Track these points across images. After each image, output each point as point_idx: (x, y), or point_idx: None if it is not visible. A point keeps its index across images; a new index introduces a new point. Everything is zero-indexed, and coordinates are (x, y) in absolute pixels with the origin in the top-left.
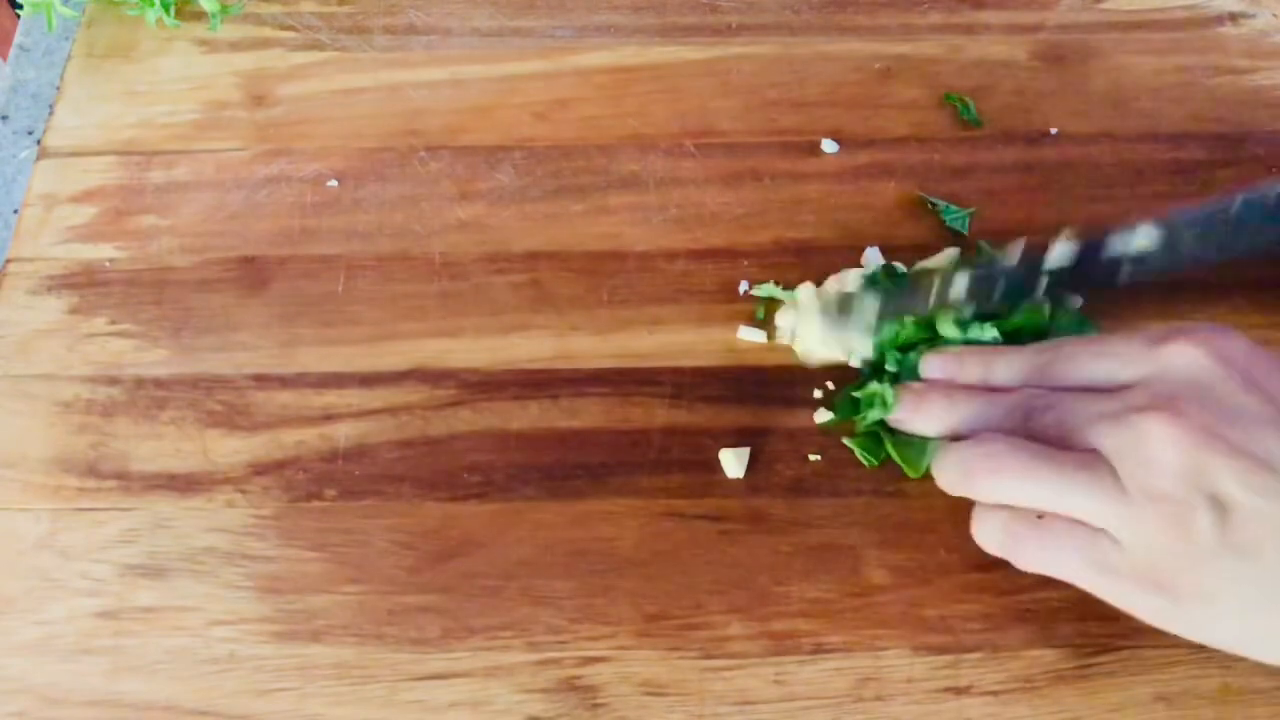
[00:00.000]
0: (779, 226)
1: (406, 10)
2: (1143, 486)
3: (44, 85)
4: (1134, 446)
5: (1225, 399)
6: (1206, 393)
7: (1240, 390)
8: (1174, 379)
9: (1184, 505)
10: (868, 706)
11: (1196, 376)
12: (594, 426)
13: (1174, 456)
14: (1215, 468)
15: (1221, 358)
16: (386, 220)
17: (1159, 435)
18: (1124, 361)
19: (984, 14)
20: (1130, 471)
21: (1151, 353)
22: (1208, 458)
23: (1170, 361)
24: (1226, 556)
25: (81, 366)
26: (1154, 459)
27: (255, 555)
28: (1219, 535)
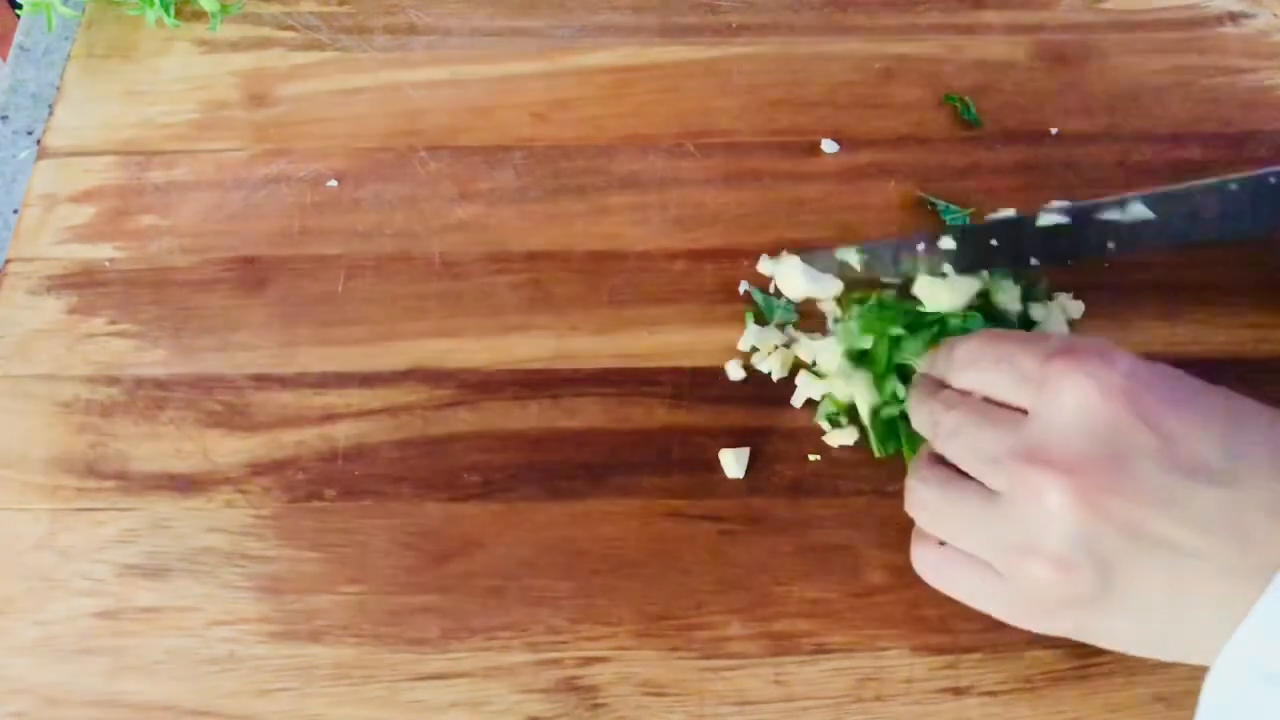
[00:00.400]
0: (779, 226)
1: (406, 10)
2: (1028, 541)
3: (44, 85)
4: (1024, 501)
5: (1111, 442)
6: (1093, 438)
7: (1127, 428)
8: (1062, 422)
9: (1069, 562)
10: (868, 706)
11: (1083, 419)
12: (594, 426)
13: (1062, 520)
14: (1103, 531)
15: (1107, 392)
16: (386, 220)
17: (1047, 496)
18: (1016, 380)
19: (984, 14)
20: (1018, 523)
21: (1042, 375)
22: (1096, 523)
23: (1058, 396)
24: (1104, 601)
25: (81, 366)
26: (1042, 519)
27: (255, 555)
28: (1102, 589)
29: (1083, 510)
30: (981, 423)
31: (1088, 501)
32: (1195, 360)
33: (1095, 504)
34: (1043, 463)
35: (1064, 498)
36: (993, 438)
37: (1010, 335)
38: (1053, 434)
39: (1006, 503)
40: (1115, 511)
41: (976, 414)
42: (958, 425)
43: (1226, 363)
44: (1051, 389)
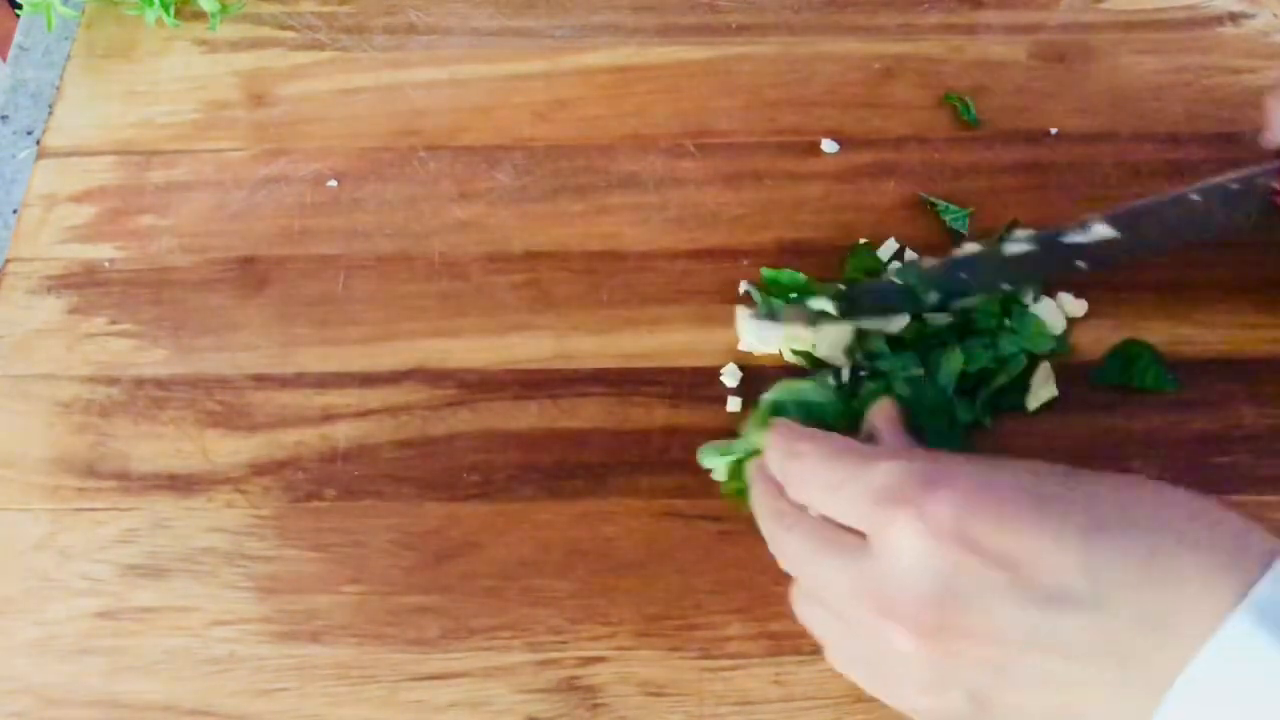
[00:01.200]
0: (779, 226)
1: (406, 10)
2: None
3: (44, 85)
4: (878, 644)
5: (953, 584)
6: (933, 583)
7: (967, 567)
8: (899, 569)
9: (938, 694)
10: (868, 706)
11: (919, 565)
12: (594, 426)
13: (918, 665)
14: (962, 673)
15: (939, 534)
16: (386, 220)
17: (898, 644)
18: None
19: (984, 14)
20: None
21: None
22: (952, 667)
23: (890, 543)
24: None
25: (81, 366)
26: (899, 661)
27: (255, 555)
28: (980, 712)
29: (935, 658)
30: (821, 552)
31: (939, 650)
32: (1195, 360)
33: (947, 651)
34: (887, 614)
35: (914, 648)
36: (834, 572)
37: (842, 451)
38: (891, 580)
39: (866, 638)
40: (971, 655)
41: (815, 541)
42: (798, 553)
43: (1226, 363)
44: (882, 531)
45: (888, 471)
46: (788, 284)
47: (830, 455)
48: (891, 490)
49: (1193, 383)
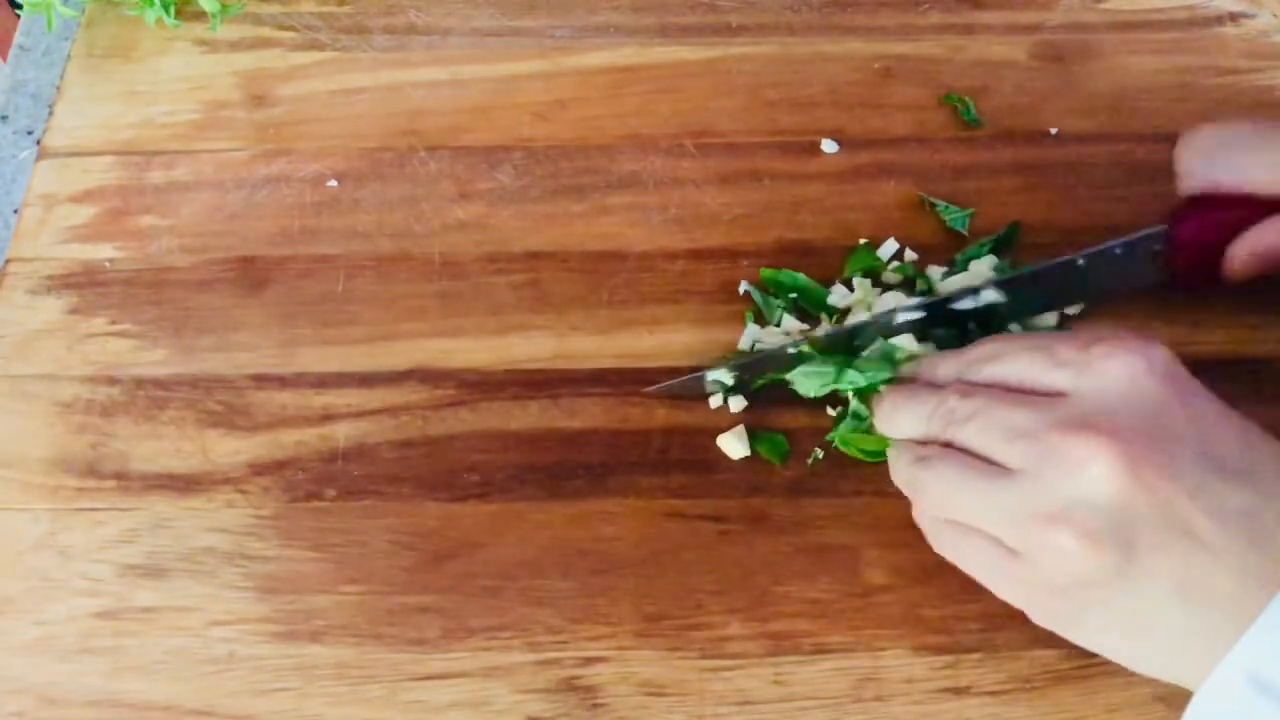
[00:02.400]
0: (779, 226)
1: (406, 10)
2: (1057, 511)
3: (44, 85)
4: (1059, 470)
5: (1157, 419)
6: (1140, 413)
7: (1171, 410)
8: (1110, 396)
9: (1096, 535)
10: (867, 707)
11: (1131, 393)
12: (594, 426)
13: (1102, 487)
14: (1137, 505)
15: (1154, 371)
16: (386, 220)
17: (1090, 463)
18: (1053, 365)
19: (984, 14)
20: (1047, 494)
21: (1084, 358)
22: (1133, 494)
23: (1104, 373)
24: (1116, 585)
25: (81, 366)
26: (1078, 487)
27: (255, 555)
28: (1118, 571)
29: (1124, 478)
30: (1009, 403)
31: (1131, 470)
32: (1195, 360)
33: (1137, 475)
34: (1086, 429)
35: (1108, 464)
36: (1024, 415)
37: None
38: (1097, 405)
39: (1032, 476)
40: (1152, 485)
41: (1001, 396)
42: (977, 409)
43: (1226, 363)
44: (1097, 367)
45: (1100, 329)
46: (787, 284)
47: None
48: (1107, 338)
49: None
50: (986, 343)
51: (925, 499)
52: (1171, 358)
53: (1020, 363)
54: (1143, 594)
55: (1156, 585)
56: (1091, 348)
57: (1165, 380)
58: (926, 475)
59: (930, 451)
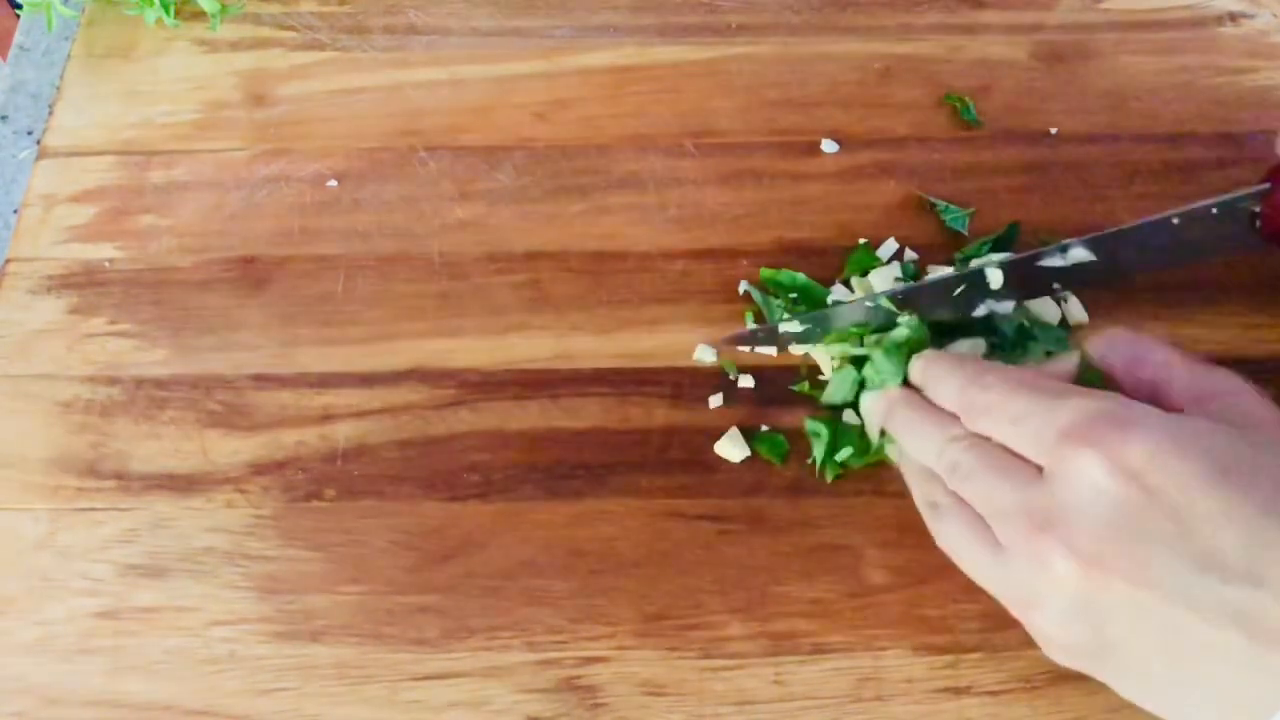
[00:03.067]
0: (779, 226)
1: (406, 10)
2: (1030, 597)
3: (44, 85)
4: (1029, 562)
5: (1123, 524)
6: (1104, 518)
7: (1139, 511)
8: (1074, 497)
9: (1066, 625)
10: (867, 706)
11: (1094, 499)
12: (594, 426)
13: (1063, 589)
14: (1103, 606)
15: (1121, 475)
16: (386, 220)
17: (1052, 565)
18: (1035, 439)
19: (984, 14)
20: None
21: (1057, 448)
22: (1097, 597)
23: (1070, 473)
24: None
25: (81, 366)
26: (1045, 582)
27: (255, 555)
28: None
29: (1085, 585)
30: (995, 473)
31: (1090, 578)
32: None
33: (1098, 582)
34: (1047, 530)
35: (1067, 570)
36: (1005, 492)
37: (1031, 385)
38: (1064, 506)
39: (1012, 557)
40: (1116, 590)
41: (991, 463)
42: (972, 470)
43: (1226, 363)
44: (1064, 464)
45: (1079, 408)
46: (787, 284)
47: (1019, 386)
48: (1082, 426)
49: None
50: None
51: (940, 543)
52: (1152, 445)
53: (1004, 430)
54: (1136, 672)
55: (1147, 667)
56: (1065, 437)
57: (1133, 484)
58: (937, 525)
59: (941, 499)
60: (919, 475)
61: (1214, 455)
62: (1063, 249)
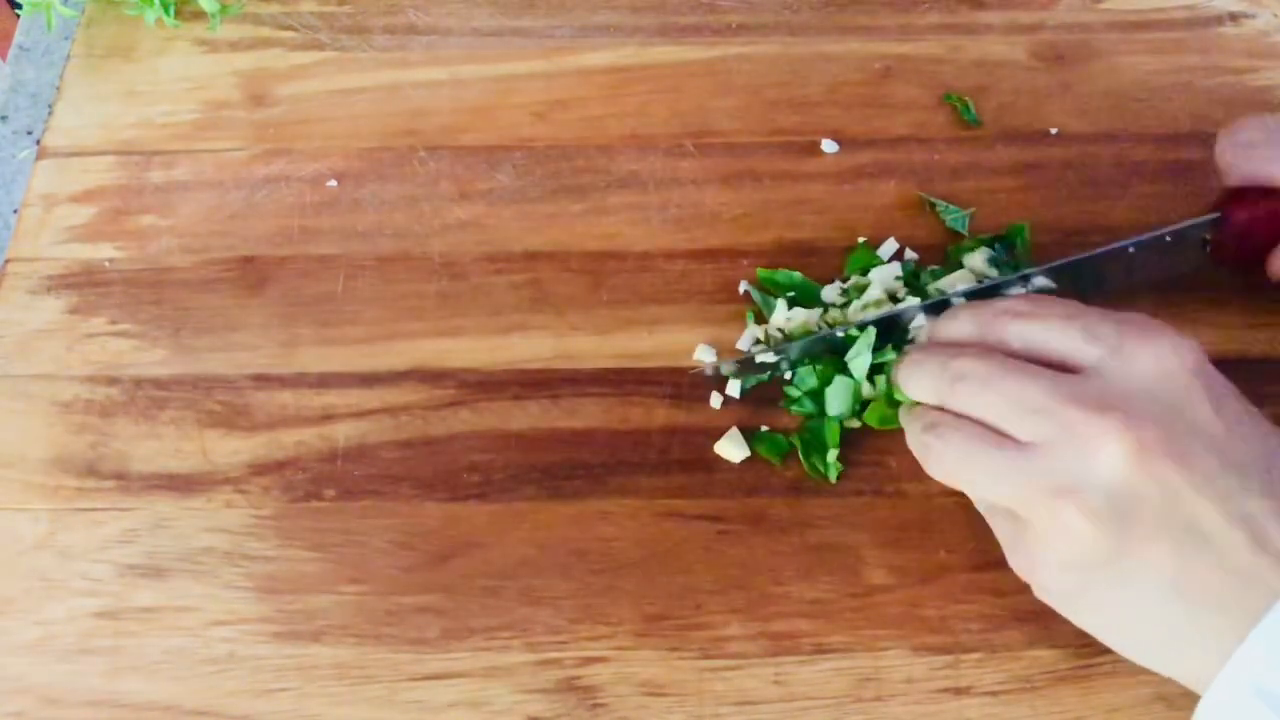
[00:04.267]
0: (779, 226)
1: (406, 10)
2: (1065, 485)
3: (44, 85)
4: (1073, 446)
5: (1180, 411)
6: (1163, 403)
7: (1197, 404)
8: (1136, 381)
9: (1100, 514)
10: (867, 707)
11: (1158, 383)
12: (594, 426)
13: (1111, 468)
14: (1144, 490)
15: (1186, 365)
16: (386, 220)
17: (1104, 443)
18: (1089, 335)
19: (984, 14)
20: (1058, 469)
21: (1120, 337)
22: (1142, 478)
23: (1137, 357)
24: (1113, 567)
25: (81, 366)
26: (1089, 465)
27: (255, 555)
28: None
29: (1134, 462)
30: (1022, 374)
31: (1142, 455)
32: None
33: (1148, 460)
34: (1109, 410)
35: (1120, 448)
36: (1039, 388)
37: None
38: (1124, 389)
39: (1045, 449)
40: (1161, 471)
41: (1016, 366)
42: (989, 376)
43: (1226, 363)
44: (1130, 350)
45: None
46: (784, 284)
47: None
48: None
49: None
50: (1016, 297)
51: (936, 466)
52: (1203, 355)
53: (1051, 326)
54: (1137, 583)
55: (1151, 576)
56: (1126, 329)
57: (1196, 376)
58: (938, 444)
59: (941, 418)
60: (913, 413)
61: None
62: (1024, 279)
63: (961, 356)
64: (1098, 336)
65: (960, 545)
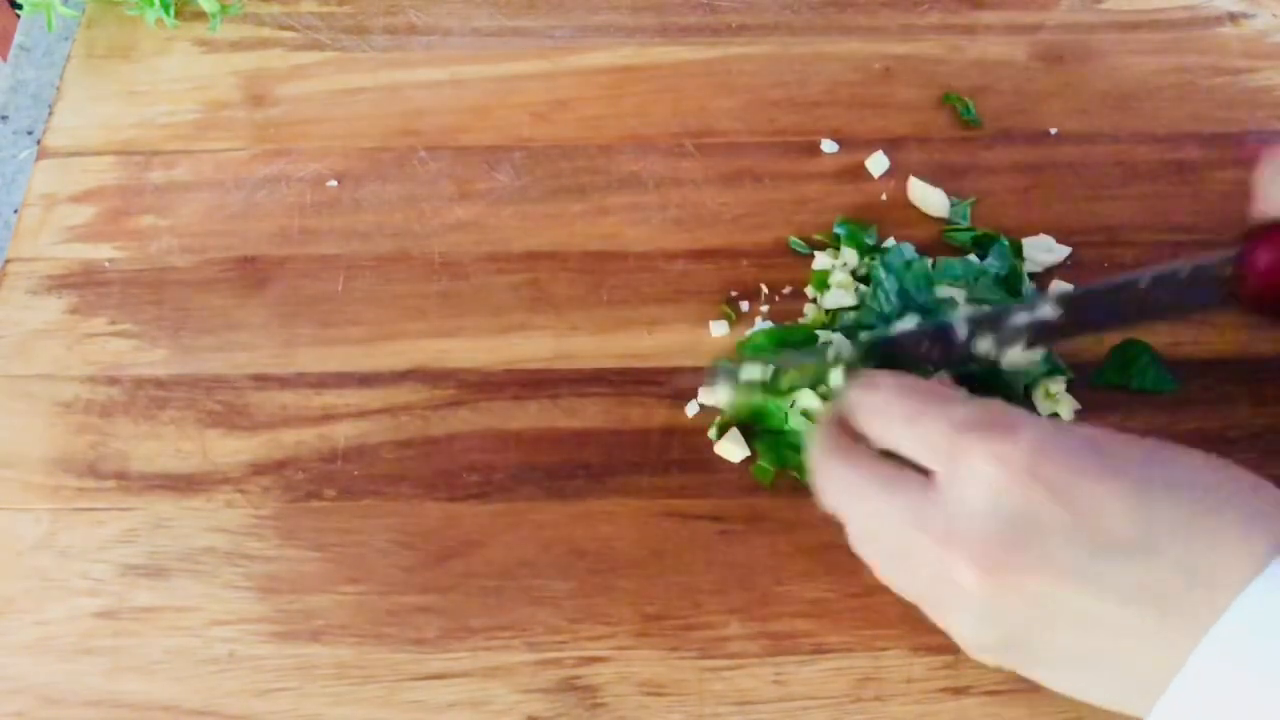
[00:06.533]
0: (779, 226)
1: (406, 10)
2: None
3: (44, 85)
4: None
5: (1019, 521)
6: (1000, 518)
7: (1035, 506)
8: (969, 503)
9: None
10: (867, 706)
11: (989, 500)
12: (594, 426)
13: (971, 596)
14: (1013, 608)
15: (1013, 471)
16: (386, 220)
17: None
18: (924, 445)
19: (984, 14)
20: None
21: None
22: (1005, 600)
23: (964, 476)
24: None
25: (81, 366)
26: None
27: (255, 555)
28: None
29: (992, 590)
30: (887, 491)
31: (997, 583)
32: (1195, 360)
33: (1005, 584)
34: (949, 543)
35: (973, 579)
36: (901, 504)
37: (920, 392)
38: (960, 514)
39: (917, 568)
40: (1025, 588)
41: (882, 480)
42: (863, 488)
43: (1226, 363)
44: (958, 466)
45: (968, 410)
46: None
47: (910, 389)
48: (971, 426)
49: (1192, 383)
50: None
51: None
52: (1035, 441)
53: (896, 432)
54: (1051, 662)
55: (1060, 658)
56: (957, 438)
57: (1026, 478)
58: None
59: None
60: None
61: (1090, 444)
62: (1031, 306)
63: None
64: (934, 449)
65: None
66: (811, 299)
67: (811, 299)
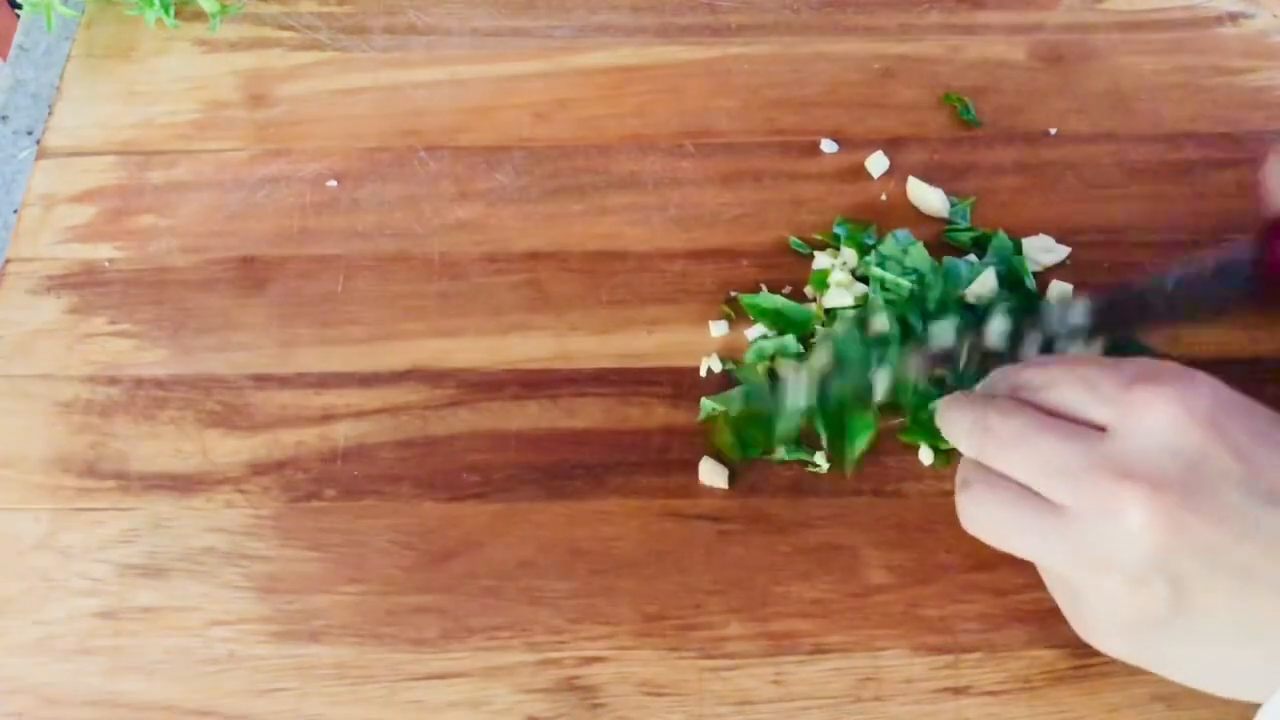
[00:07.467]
0: (779, 226)
1: (406, 10)
2: (1103, 558)
3: (44, 85)
4: (1100, 516)
5: (1197, 465)
6: (1178, 459)
7: (1212, 452)
8: (1147, 441)
9: (1143, 581)
10: (867, 706)
11: (1169, 440)
12: (594, 426)
13: (1141, 538)
14: (1180, 552)
15: (1194, 416)
16: (386, 220)
17: (1128, 513)
18: (1097, 399)
19: (984, 14)
20: (1092, 538)
21: (1127, 397)
22: (1174, 543)
23: (1144, 417)
24: (1174, 623)
25: (81, 366)
26: (1119, 535)
27: (254, 555)
28: (1174, 610)
29: (1163, 529)
30: (1050, 433)
31: (1169, 521)
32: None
33: (1176, 524)
34: (1125, 478)
35: (1145, 515)
36: (1065, 449)
37: (1089, 359)
38: (1137, 452)
39: (1077, 517)
40: (1195, 533)
41: (1044, 425)
42: (1019, 433)
43: (1226, 363)
44: (1137, 410)
45: (1140, 365)
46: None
47: (1078, 360)
48: (1150, 377)
49: None
50: (1035, 366)
51: (972, 527)
52: (1213, 394)
53: (1066, 392)
54: (1201, 633)
55: (1214, 626)
56: (1133, 388)
57: (1207, 424)
58: (970, 507)
59: (973, 475)
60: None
61: (1263, 412)
62: (1064, 311)
63: (992, 409)
64: (1105, 398)
65: (960, 545)
66: (811, 299)
67: (811, 299)
